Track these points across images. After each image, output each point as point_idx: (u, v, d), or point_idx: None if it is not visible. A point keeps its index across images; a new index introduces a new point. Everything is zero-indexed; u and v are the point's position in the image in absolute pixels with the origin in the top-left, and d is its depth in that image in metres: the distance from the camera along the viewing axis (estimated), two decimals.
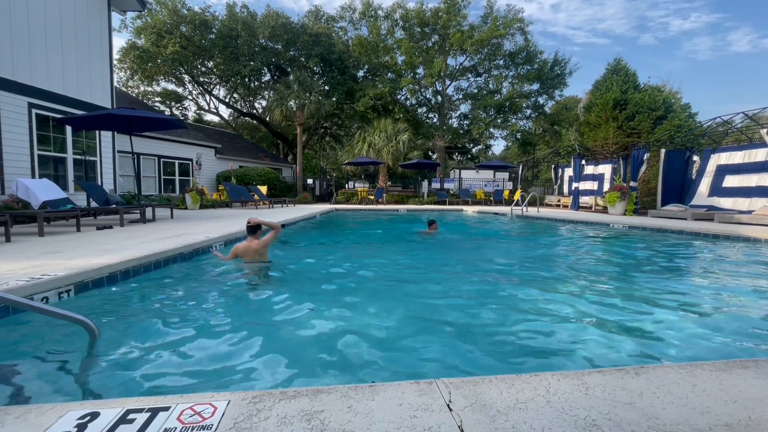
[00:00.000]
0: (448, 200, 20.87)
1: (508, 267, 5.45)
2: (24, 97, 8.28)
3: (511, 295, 3.83)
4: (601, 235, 8.69)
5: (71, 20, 9.41)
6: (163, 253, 4.45)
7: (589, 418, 1.32)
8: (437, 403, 1.40)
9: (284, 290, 3.89)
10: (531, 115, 28.64)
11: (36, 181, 7.39)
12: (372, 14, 25.89)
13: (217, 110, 32.18)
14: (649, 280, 4.42)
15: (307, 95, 21.53)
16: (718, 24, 73.76)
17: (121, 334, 2.63)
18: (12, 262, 3.74)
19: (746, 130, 12.77)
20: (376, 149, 21.81)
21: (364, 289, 4.09)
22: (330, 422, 1.29)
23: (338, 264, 5.27)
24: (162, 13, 22.71)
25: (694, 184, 12.73)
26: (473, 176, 27.63)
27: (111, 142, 10.80)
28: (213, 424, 1.27)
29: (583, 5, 75.40)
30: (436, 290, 4.01)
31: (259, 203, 15.77)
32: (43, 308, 2.27)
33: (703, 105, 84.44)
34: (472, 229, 10.72)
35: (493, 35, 23.32)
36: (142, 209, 8.41)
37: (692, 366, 1.74)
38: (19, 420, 1.33)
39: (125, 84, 26.03)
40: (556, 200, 18.58)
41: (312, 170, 35.96)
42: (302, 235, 8.66)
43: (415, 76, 26.72)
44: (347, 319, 2.97)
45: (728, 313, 3.23)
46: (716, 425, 1.29)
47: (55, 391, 1.95)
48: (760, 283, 4.25)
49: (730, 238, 7.37)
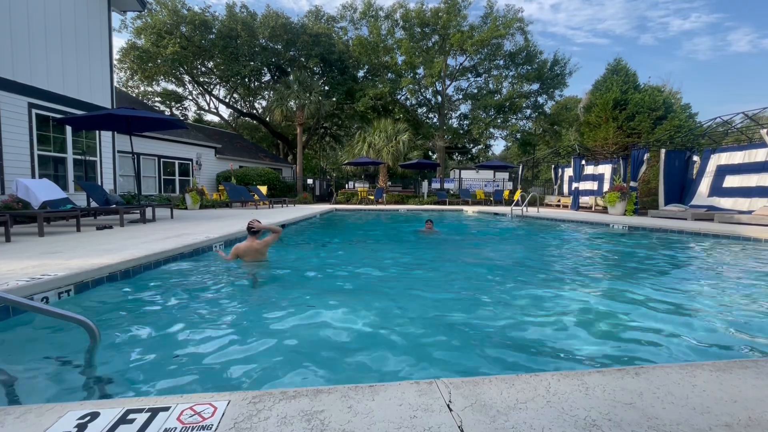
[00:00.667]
0: (448, 200, 20.87)
1: (507, 267, 5.45)
2: (24, 97, 8.28)
3: (510, 295, 3.83)
4: (601, 235, 8.69)
5: (71, 20, 9.41)
6: (163, 253, 4.45)
7: (589, 418, 1.32)
8: (437, 403, 1.40)
9: (284, 290, 3.89)
10: (531, 115, 28.65)
11: (36, 181, 7.39)
12: (373, 14, 25.91)
13: (217, 110, 32.21)
14: (649, 279, 4.42)
15: (307, 95, 21.52)
16: (718, 24, 73.89)
17: (121, 334, 2.62)
18: (12, 262, 3.74)
19: (746, 130, 12.77)
20: (376, 149, 21.81)
21: (364, 288, 4.09)
22: (330, 422, 1.28)
23: (338, 263, 5.28)
24: (162, 13, 22.73)
25: (694, 185, 12.73)
26: (473, 176, 27.63)
27: (111, 142, 10.80)
28: (213, 424, 1.27)
29: (583, 5, 75.50)
30: (435, 290, 4.01)
31: (259, 203, 15.76)
32: (43, 308, 2.27)
33: (703, 105, 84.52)
34: (472, 229, 10.71)
35: (493, 35, 23.35)
36: (142, 209, 8.41)
37: (692, 366, 1.74)
38: (19, 420, 1.33)
39: (125, 84, 26.04)
40: (556, 200, 18.58)
41: (312, 170, 35.97)
42: (302, 235, 8.66)
43: (415, 76, 26.74)
44: (347, 318, 2.97)
45: (728, 313, 3.23)
46: (716, 425, 1.29)
47: (55, 391, 1.95)
48: (760, 283, 4.25)
49: (730, 238, 7.37)
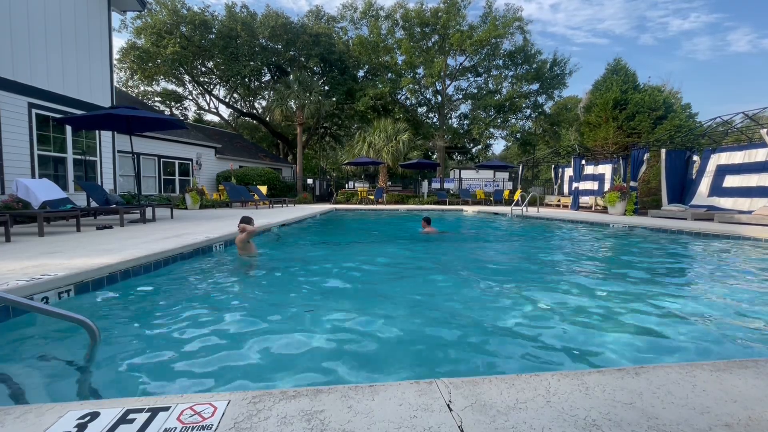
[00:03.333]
0: (448, 200, 20.87)
1: (507, 266, 5.45)
2: (24, 97, 8.28)
3: (510, 295, 3.83)
4: (601, 235, 8.69)
5: (71, 20, 9.41)
6: (163, 253, 4.45)
7: (589, 418, 1.32)
8: (437, 403, 1.40)
9: (284, 290, 3.90)
10: (531, 115, 28.66)
11: (36, 181, 7.39)
12: (373, 14, 25.92)
13: (217, 110, 32.20)
14: (648, 279, 4.42)
15: (307, 95, 21.52)
16: (718, 24, 73.87)
17: (121, 333, 2.62)
18: (12, 262, 3.74)
19: (746, 130, 12.77)
20: (376, 149, 21.81)
21: (364, 288, 4.09)
22: (330, 422, 1.28)
23: (338, 263, 5.27)
24: (162, 13, 22.73)
25: (694, 184, 12.72)
26: (473, 176, 27.63)
27: (111, 142, 10.80)
28: (213, 424, 1.27)
29: (583, 5, 75.45)
30: (435, 289, 4.01)
31: (259, 203, 15.76)
32: (44, 308, 2.27)
33: (703, 105, 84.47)
34: (472, 228, 10.71)
35: (493, 35, 23.36)
36: (142, 209, 8.40)
37: (692, 366, 1.74)
38: (19, 420, 1.33)
39: (125, 84, 26.04)
40: (556, 200, 18.58)
41: (312, 170, 35.96)
42: (302, 235, 8.67)
43: (415, 76, 26.74)
44: (346, 318, 2.97)
45: (728, 313, 3.23)
46: (716, 425, 1.29)
47: (55, 391, 1.96)
48: (760, 282, 4.25)
49: (730, 237, 7.37)
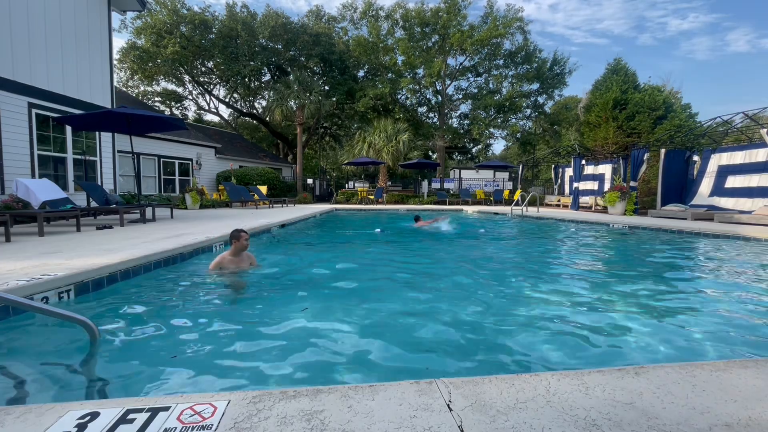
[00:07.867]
0: (448, 200, 20.87)
1: (507, 266, 5.45)
2: (24, 97, 8.27)
3: (510, 295, 3.83)
4: (600, 234, 8.69)
5: (71, 20, 9.41)
6: (163, 253, 4.45)
7: (589, 418, 1.32)
8: (437, 403, 1.40)
9: (283, 290, 3.89)
10: (531, 114, 28.63)
11: (36, 181, 7.39)
12: (373, 14, 25.90)
13: (217, 110, 32.19)
14: (649, 279, 4.42)
15: (307, 95, 21.52)
16: (717, 24, 73.71)
17: (121, 334, 2.62)
18: (12, 262, 3.74)
19: (746, 130, 12.77)
20: (376, 149, 21.80)
21: (363, 288, 4.08)
22: (330, 422, 1.28)
23: (337, 264, 5.27)
24: (162, 13, 22.72)
25: (695, 184, 12.72)
26: (473, 176, 27.59)
27: (111, 142, 10.79)
28: (213, 424, 1.27)
29: (582, 5, 75.30)
30: (434, 289, 4.01)
31: (259, 203, 15.76)
32: (44, 308, 2.27)
33: (703, 105, 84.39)
34: (472, 228, 10.71)
35: (493, 35, 23.34)
36: (142, 209, 8.40)
37: (692, 366, 1.74)
38: (19, 420, 1.33)
39: (125, 84, 26.03)
40: (556, 200, 18.58)
41: (312, 170, 35.94)
42: (302, 235, 8.67)
43: (415, 76, 26.72)
44: (346, 318, 2.97)
45: (728, 312, 3.23)
46: (716, 425, 1.29)
47: (55, 391, 1.96)
48: (760, 282, 4.25)
49: (730, 237, 7.37)
